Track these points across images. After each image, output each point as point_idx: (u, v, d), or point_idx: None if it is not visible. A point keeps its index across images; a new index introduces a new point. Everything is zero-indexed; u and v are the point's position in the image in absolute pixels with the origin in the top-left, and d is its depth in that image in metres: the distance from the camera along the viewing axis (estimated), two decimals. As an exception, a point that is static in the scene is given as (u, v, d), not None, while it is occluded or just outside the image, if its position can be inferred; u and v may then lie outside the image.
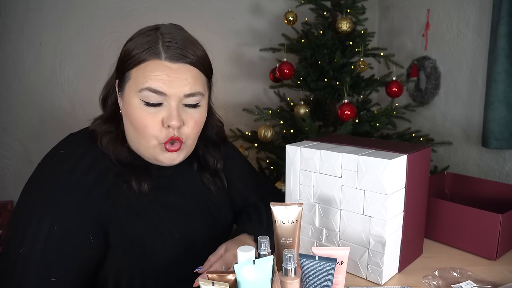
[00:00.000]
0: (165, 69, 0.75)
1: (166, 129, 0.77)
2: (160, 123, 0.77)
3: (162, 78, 0.75)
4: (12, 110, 2.06)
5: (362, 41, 1.76)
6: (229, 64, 2.45)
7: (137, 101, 0.76)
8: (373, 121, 1.73)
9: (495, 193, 1.17)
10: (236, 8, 2.41)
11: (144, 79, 0.75)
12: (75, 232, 0.74)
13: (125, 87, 0.79)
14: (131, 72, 0.77)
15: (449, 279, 0.85)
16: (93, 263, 0.78)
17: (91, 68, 2.15)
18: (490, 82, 1.71)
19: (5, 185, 2.07)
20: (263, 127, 1.80)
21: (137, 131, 0.78)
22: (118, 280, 0.81)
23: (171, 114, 0.76)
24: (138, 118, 0.77)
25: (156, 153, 0.80)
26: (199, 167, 0.95)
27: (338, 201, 0.89)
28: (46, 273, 0.71)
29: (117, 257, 0.79)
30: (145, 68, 0.75)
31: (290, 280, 0.67)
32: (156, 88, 0.75)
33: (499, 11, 1.65)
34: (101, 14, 2.14)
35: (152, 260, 0.82)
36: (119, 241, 0.79)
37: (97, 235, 0.76)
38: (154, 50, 0.75)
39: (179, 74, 0.76)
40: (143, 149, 0.81)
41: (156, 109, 0.76)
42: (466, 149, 2.02)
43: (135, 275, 0.81)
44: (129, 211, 0.80)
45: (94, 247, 0.76)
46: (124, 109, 0.81)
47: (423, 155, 0.91)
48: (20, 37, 2.02)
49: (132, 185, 0.80)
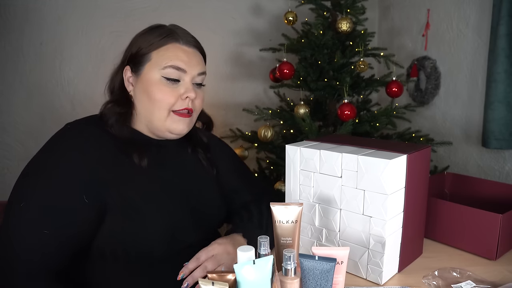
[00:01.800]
0: (184, 51, 0.92)
1: (183, 100, 0.92)
2: (177, 96, 0.92)
3: (183, 58, 0.92)
4: (13, 110, 2.06)
5: (362, 41, 1.76)
6: (229, 64, 2.45)
7: (159, 77, 0.91)
8: (373, 121, 1.73)
9: (495, 193, 1.17)
10: (236, 8, 2.41)
11: (168, 58, 0.90)
12: (70, 191, 0.81)
13: (143, 68, 0.92)
14: (151, 54, 0.91)
15: (449, 279, 0.85)
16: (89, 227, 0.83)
17: (91, 68, 2.14)
18: (490, 82, 1.71)
19: (5, 185, 2.07)
20: (263, 127, 1.80)
21: (154, 104, 0.91)
22: (115, 250, 0.85)
23: (188, 88, 0.93)
24: (159, 91, 0.90)
25: (169, 123, 0.92)
26: (193, 148, 1.05)
27: (338, 201, 0.90)
28: (41, 225, 0.78)
29: (114, 223, 0.84)
30: (167, 50, 0.91)
31: (290, 280, 0.67)
32: (179, 66, 0.91)
33: (499, 11, 1.65)
34: (101, 14, 2.14)
35: (149, 230, 0.87)
36: (117, 207, 0.85)
37: (91, 197, 0.82)
38: (173, 36, 0.92)
39: (193, 56, 0.94)
40: (157, 121, 0.92)
41: (174, 85, 0.92)
42: (466, 149, 2.02)
43: (131, 245, 0.85)
44: (128, 181, 0.88)
45: (88, 208, 0.82)
46: (140, 88, 0.93)
47: (423, 155, 0.91)
48: (20, 37, 2.02)
49: (134, 158, 0.89)
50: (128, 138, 0.92)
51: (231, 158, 1.17)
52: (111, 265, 0.87)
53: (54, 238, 0.79)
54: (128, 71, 0.94)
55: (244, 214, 1.03)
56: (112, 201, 0.84)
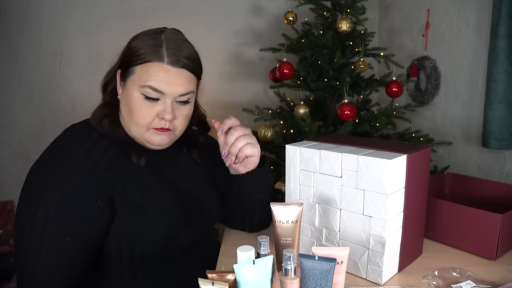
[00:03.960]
0: (166, 72, 0.87)
1: (160, 120, 0.90)
2: (155, 115, 0.89)
3: (163, 79, 0.87)
4: (12, 110, 2.07)
5: (362, 41, 1.76)
6: (229, 64, 2.45)
7: (138, 94, 0.88)
8: (373, 121, 1.73)
9: (495, 193, 1.17)
10: (236, 8, 2.41)
11: (147, 77, 0.87)
12: (84, 198, 0.83)
13: (127, 79, 0.90)
14: (136, 68, 0.88)
15: (449, 279, 0.85)
16: (101, 230, 0.85)
17: (91, 68, 2.15)
18: (490, 82, 1.71)
19: (5, 185, 2.07)
20: (263, 127, 1.80)
21: (133, 118, 0.90)
22: (120, 251, 0.87)
23: (166, 109, 0.89)
24: (137, 108, 0.89)
25: (147, 136, 0.92)
26: (188, 148, 1.05)
27: (338, 201, 0.89)
28: (61, 236, 0.80)
29: (122, 223, 0.86)
30: (149, 68, 0.87)
31: (290, 280, 0.67)
32: (157, 88, 0.87)
33: (499, 11, 1.65)
34: (101, 14, 2.14)
35: (153, 227, 0.88)
36: (123, 206, 0.86)
37: (103, 200, 0.84)
38: (158, 53, 0.87)
39: (177, 77, 0.88)
40: (135, 133, 0.92)
41: (153, 103, 0.89)
42: (466, 149, 2.02)
43: (136, 246, 0.87)
44: (130, 181, 0.88)
45: (102, 212, 0.84)
46: (123, 98, 0.92)
47: (423, 155, 0.91)
48: (20, 37, 2.02)
49: (132, 158, 0.90)
50: (124, 139, 0.92)
51: None
52: (115, 264, 0.88)
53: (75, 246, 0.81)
54: (119, 76, 0.94)
55: None
56: (119, 200, 0.86)
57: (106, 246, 0.87)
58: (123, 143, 0.91)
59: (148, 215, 0.88)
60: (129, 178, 0.89)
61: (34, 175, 0.85)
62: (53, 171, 0.84)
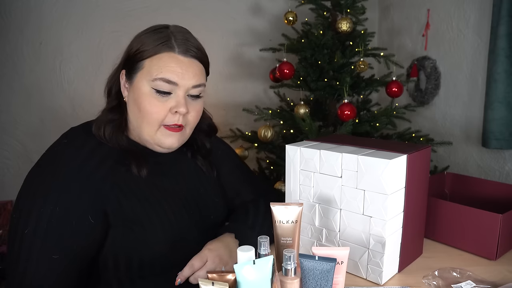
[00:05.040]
0: (178, 62, 0.84)
1: (173, 115, 0.86)
2: (168, 110, 0.85)
3: (175, 70, 0.84)
4: (12, 110, 2.06)
5: (362, 41, 1.76)
6: (229, 64, 2.45)
7: (148, 89, 0.84)
8: (373, 121, 1.73)
9: (495, 193, 1.17)
10: (236, 8, 2.41)
11: (159, 69, 0.83)
12: (75, 213, 0.79)
13: (135, 75, 0.86)
14: (144, 62, 0.85)
15: (449, 279, 0.85)
16: (93, 244, 0.82)
17: (91, 68, 2.14)
18: (490, 82, 1.71)
19: (5, 185, 2.07)
20: (263, 127, 1.80)
21: (144, 117, 0.86)
22: (117, 263, 0.84)
23: (179, 102, 0.85)
24: (148, 104, 0.84)
25: (158, 137, 0.87)
26: (192, 153, 1.01)
27: (338, 201, 0.89)
28: (49, 252, 0.76)
29: (117, 237, 0.83)
30: (160, 59, 0.83)
31: (290, 280, 0.67)
32: (170, 79, 0.83)
33: (499, 11, 1.65)
34: (101, 14, 2.14)
35: (150, 241, 0.85)
36: (118, 220, 0.83)
37: (96, 216, 0.81)
38: (169, 44, 0.84)
39: (189, 67, 0.85)
40: (146, 135, 0.88)
41: (165, 98, 0.85)
42: (466, 149, 2.02)
43: (134, 258, 0.84)
44: (127, 193, 0.85)
45: (94, 228, 0.81)
46: (131, 96, 0.87)
47: (423, 155, 0.91)
48: (20, 37, 2.02)
49: (132, 169, 0.86)
50: (125, 148, 0.88)
51: (233, 160, 1.14)
52: (113, 274, 0.85)
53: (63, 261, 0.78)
54: (124, 76, 0.89)
55: (240, 214, 1.02)
56: (114, 214, 0.83)
57: (102, 257, 0.84)
58: (123, 152, 0.87)
59: (146, 229, 0.84)
60: (127, 190, 0.85)
61: (26, 188, 0.82)
62: (44, 184, 0.80)
